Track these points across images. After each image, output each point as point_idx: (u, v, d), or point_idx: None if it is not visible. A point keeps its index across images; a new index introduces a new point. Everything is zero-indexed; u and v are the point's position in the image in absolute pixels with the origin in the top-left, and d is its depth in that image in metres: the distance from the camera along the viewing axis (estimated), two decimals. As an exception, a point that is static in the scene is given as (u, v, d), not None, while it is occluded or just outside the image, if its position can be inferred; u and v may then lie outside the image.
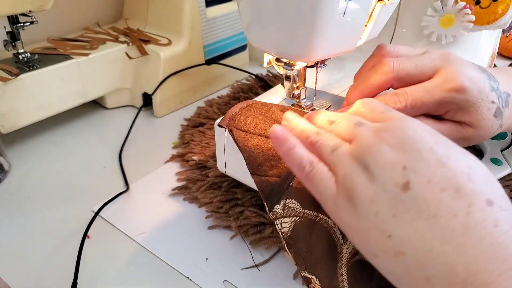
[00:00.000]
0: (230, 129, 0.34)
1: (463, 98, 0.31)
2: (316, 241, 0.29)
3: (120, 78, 0.63)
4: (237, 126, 0.34)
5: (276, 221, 0.30)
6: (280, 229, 0.29)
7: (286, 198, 0.30)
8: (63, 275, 0.37)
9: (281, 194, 0.30)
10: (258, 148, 0.33)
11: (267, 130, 0.34)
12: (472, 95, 0.31)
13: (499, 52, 0.77)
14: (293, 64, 0.36)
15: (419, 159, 0.22)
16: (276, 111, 0.38)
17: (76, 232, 0.41)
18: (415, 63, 0.33)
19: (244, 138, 0.33)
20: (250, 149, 0.33)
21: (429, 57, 0.33)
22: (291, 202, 0.30)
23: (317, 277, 0.27)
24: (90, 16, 0.69)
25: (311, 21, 0.29)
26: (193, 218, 0.44)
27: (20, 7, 0.47)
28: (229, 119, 0.35)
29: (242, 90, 0.67)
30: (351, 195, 0.23)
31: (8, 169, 0.51)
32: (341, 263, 0.27)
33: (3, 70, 0.50)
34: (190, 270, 0.38)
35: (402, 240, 0.21)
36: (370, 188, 0.22)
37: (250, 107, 0.36)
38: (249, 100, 0.38)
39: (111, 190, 0.47)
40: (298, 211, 0.30)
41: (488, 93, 0.31)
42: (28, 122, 0.53)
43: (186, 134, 0.57)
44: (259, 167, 0.32)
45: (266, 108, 0.37)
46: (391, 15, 0.37)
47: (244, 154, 0.33)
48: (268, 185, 0.31)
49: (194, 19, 0.63)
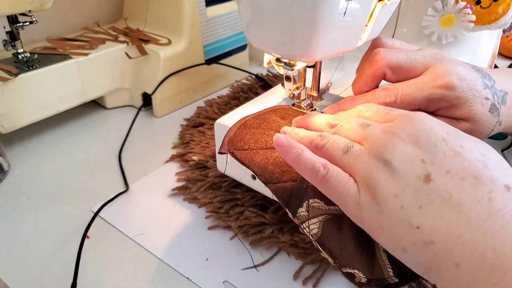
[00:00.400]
0: (231, 152, 0.33)
1: (453, 95, 0.31)
2: (348, 235, 0.28)
3: (120, 78, 0.63)
4: (237, 147, 0.34)
5: (302, 225, 0.29)
6: (309, 231, 0.28)
7: (308, 199, 0.30)
8: (63, 275, 0.37)
9: (302, 196, 0.30)
10: (265, 160, 0.32)
11: (267, 142, 0.34)
12: (461, 91, 0.31)
13: (500, 52, 0.77)
14: (293, 64, 0.35)
15: (435, 152, 0.23)
16: (271, 119, 0.37)
17: (76, 232, 0.41)
18: (407, 55, 0.33)
19: (247, 155, 0.33)
20: (257, 163, 0.32)
21: (422, 53, 0.34)
22: (314, 202, 0.29)
23: (359, 270, 0.26)
24: (90, 16, 0.69)
25: (311, 21, 0.29)
26: (193, 218, 0.44)
27: (19, 6, 0.47)
28: (228, 143, 0.34)
29: (242, 90, 0.67)
30: (374, 192, 0.23)
31: (8, 169, 0.51)
32: (379, 250, 0.27)
33: (3, 70, 0.50)
34: (190, 270, 0.37)
35: (431, 229, 0.21)
36: (393, 183, 0.23)
37: (244, 126, 0.36)
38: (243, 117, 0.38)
39: (110, 190, 0.47)
40: (324, 209, 0.29)
41: (481, 90, 0.32)
42: (28, 122, 0.53)
43: (186, 134, 0.57)
44: (271, 175, 0.32)
45: (259, 121, 0.37)
46: (391, 15, 0.37)
47: (253, 169, 0.32)
48: (286, 190, 0.31)
49: (194, 18, 0.63)
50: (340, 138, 0.27)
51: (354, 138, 0.26)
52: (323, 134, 0.28)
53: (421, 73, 0.33)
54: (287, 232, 0.40)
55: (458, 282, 0.20)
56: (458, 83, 0.31)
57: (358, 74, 0.36)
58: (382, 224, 0.23)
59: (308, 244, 0.39)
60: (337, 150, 0.26)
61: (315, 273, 0.37)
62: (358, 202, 0.24)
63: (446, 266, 0.21)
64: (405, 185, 0.22)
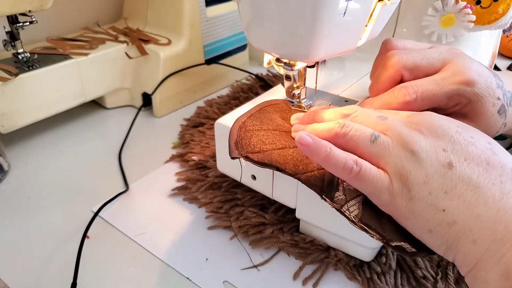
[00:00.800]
0: (246, 156, 0.33)
1: (472, 91, 0.31)
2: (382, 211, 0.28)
3: (120, 78, 0.63)
4: (248, 151, 0.33)
5: (342, 209, 0.29)
6: (350, 214, 0.28)
7: (343, 182, 0.29)
8: (63, 275, 0.37)
9: (337, 180, 0.30)
10: (282, 158, 0.32)
11: (276, 142, 0.33)
12: (480, 88, 0.31)
13: (500, 52, 0.77)
14: (293, 64, 0.35)
15: (453, 142, 0.25)
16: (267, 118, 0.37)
17: (76, 232, 0.41)
18: (422, 54, 0.33)
19: (263, 156, 0.32)
20: (277, 161, 0.32)
21: (437, 50, 0.33)
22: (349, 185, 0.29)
23: (405, 242, 0.26)
24: (90, 16, 0.69)
25: (311, 21, 0.29)
26: (193, 218, 0.44)
27: (19, 6, 0.47)
28: (237, 147, 0.34)
29: (242, 90, 0.67)
30: (405, 181, 0.25)
31: (8, 169, 0.51)
32: None
33: (3, 70, 0.50)
34: (190, 270, 0.37)
35: (454, 211, 0.23)
36: (421, 172, 0.24)
37: (244, 129, 0.35)
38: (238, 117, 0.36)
39: (110, 190, 0.47)
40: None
41: (495, 89, 0.32)
42: (28, 122, 0.53)
43: (186, 134, 0.57)
44: (295, 168, 0.31)
45: (257, 122, 0.36)
46: (391, 15, 0.37)
47: (277, 166, 0.31)
48: (316, 178, 0.30)
49: (194, 18, 0.63)
50: (363, 127, 0.27)
51: (374, 128, 0.27)
52: (344, 123, 0.28)
53: (439, 70, 0.33)
54: (287, 232, 0.40)
55: (474, 255, 0.23)
56: (477, 79, 0.31)
57: (374, 79, 0.35)
58: (412, 209, 0.25)
59: (308, 244, 0.39)
60: (363, 139, 0.27)
61: (315, 273, 0.37)
62: (391, 191, 0.25)
63: (465, 243, 0.23)
64: (432, 173, 0.24)
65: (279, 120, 0.37)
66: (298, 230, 0.40)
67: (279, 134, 0.34)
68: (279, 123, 0.36)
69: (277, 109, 0.39)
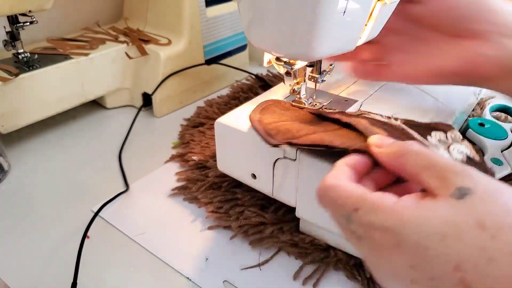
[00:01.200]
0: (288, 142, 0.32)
1: None
2: None
3: (120, 78, 0.63)
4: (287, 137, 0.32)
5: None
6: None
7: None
8: (63, 275, 0.37)
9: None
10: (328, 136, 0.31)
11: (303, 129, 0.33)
12: None
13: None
14: (293, 63, 0.35)
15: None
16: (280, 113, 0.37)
17: (76, 232, 0.41)
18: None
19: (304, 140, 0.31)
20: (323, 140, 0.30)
21: None
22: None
23: None
24: (90, 16, 0.69)
25: (311, 21, 0.29)
26: (193, 218, 0.44)
27: (19, 7, 0.47)
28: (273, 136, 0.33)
29: (242, 90, 0.67)
30: None
31: (8, 169, 0.51)
32: None
33: (3, 70, 0.50)
34: (190, 270, 0.37)
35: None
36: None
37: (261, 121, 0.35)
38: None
39: (111, 190, 0.47)
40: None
41: None
42: (28, 122, 0.53)
43: (186, 134, 0.57)
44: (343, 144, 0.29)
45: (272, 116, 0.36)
46: (391, 14, 0.37)
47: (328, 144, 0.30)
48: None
49: (194, 18, 0.63)
50: None
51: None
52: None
53: None
54: (287, 232, 0.40)
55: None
56: None
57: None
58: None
59: (308, 243, 0.39)
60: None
61: (315, 273, 0.37)
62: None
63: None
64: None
65: (290, 113, 0.37)
66: (298, 230, 0.40)
67: (299, 124, 0.34)
68: (294, 114, 0.36)
69: (279, 106, 0.39)
